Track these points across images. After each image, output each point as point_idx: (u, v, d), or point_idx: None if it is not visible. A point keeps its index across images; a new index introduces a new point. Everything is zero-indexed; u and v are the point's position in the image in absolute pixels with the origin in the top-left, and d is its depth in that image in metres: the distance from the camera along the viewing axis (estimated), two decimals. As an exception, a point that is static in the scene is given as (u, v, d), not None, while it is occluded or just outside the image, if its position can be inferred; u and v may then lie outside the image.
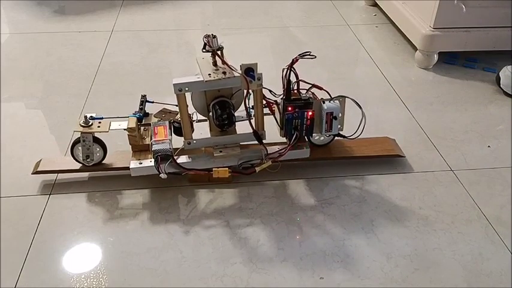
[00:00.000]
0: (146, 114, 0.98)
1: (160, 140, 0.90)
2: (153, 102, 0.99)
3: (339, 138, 1.01)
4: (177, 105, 0.91)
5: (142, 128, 0.97)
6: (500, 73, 1.33)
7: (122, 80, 1.34)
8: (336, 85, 1.35)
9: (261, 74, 0.89)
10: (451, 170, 1.04)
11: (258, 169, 0.91)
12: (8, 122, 1.16)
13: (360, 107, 0.95)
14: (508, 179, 1.02)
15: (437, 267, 0.82)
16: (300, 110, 0.92)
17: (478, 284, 0.80)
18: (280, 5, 1.88)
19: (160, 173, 0.89)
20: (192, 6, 1.84)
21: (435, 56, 1.42)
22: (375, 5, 1.83)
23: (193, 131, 0.95)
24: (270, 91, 0.94)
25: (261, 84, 0.90)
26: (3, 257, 0.83)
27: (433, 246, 0.86)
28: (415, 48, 1.44)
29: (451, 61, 1.47)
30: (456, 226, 0.90)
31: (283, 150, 0.93)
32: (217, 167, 0.91)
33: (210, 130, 0.95)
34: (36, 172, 0.97)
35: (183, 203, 0.94)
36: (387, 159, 1.05)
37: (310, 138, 1.00)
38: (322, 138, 1.02)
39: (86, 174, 0.99)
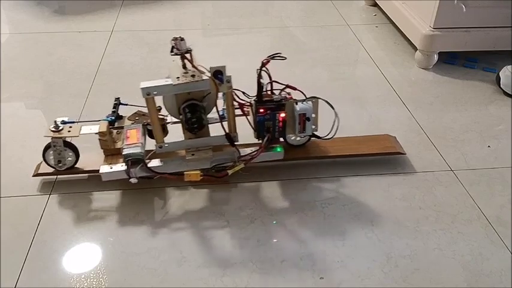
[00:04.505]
0: (120, 117, 0.97)
1: (131, 144, 0.89)
2: (126, 104, 0.98)
3: (326, 138, 1.00)
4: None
5: (115, 131, 0.96)
6: (500, 73, 1.33)
7: (122, 80, 1.34)
8: (336, 85, 1.36)
9: (230, 76, 0.88)
10: (451, 170, 1.04)
11: (230, 172, 0.91)
12: (8, 122, 1.16)
13: (332, 108, 0.95)
14: (508, 179, 1.02)
15: (437, 267, 0.82)
16: (271, 112, 0.91)
17: (478, 284, 0.80)
18: (280, 5, 1.88)
19: (130, 178, 0.88)
20: (192, 6, 1.84)
21: (435, 56, 1.42)
22: (375, 5, 1.83)
23: (167, 134, 0.95)
24: (244, 93, 0.94)
25: (231, 87, 0.90)
26: (3, 257, 0.83)
27: (433, 246, 0.86)
28: (415, 48, 1.44)
29: (451, 61, 1.47)
30: (456, 226, 0.90)
31: (255, 152, 0.93)
32: (189, 170, 0.90)
33: (183, 133, 0.94)
34: (37, 175, 0.97)
35: (183, 203, 0.94)
36: (387, 159, 1.05)
37: (286, 139, 1.00)
38: (297, 138, 1.01)
39: (86, 175, 0.99)
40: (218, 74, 0.87)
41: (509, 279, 0.81)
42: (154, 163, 0.92)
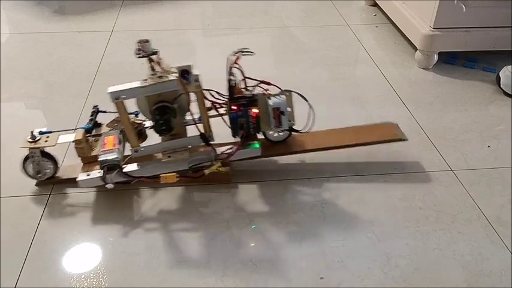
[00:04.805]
0: (98, 125, 0.97)
1: (108, 150, 0.89)
2: (105, 111, 0.97)
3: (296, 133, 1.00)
4: (133, 113, 0.91)
5: (93, 139, 0.96)
6: (500, 73, 1.33)
7: (122, 80, 1.33)
8: (336, 85, 1.36)
9: (198, 75, 0.87)
10: (451, 170, 1.04)
11: (207, 171, 0.90)
12: (8, 122, 1.16)
13: (306, 100, 0.94)
14: (508, 179, 1.02)
15: (437, 267, 0.82)
16: (244, 108, 0.90)
17: (478, 284, 0.80)
18: (280, 5, 1.88)
19: (106, 184, 0.88)
20: (192, 6, 1.84)
21: (435, 56, 1.42)
22: (375, 5, 1.83)
23: (145, 138, 0.94)
24: (218, 92, 0.92)
25: (200, 86, 0.89)
26: (3, 257, 0.83)
27: (433, 246, 0.86)
28: (415, 48, 1.44)
29: (451, 61, 1.47)
30: (456, 226, 0.90)
31: (231, 151, 0.93)
32: (166, 173, 0.89)
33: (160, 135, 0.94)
34: (38, 183, 0.97)
35: (183, 203, 0.94)
36: (388, 158, 1.05)
37: (266, 135, 0.99)
38: (275, 134, 1.00)
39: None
40: (185, 74, 0.86)
41: (509, 279, 0.81)
42: (131, 167, 0.92)
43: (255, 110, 0.91)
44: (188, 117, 0.93)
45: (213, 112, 0.94)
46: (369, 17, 1.78)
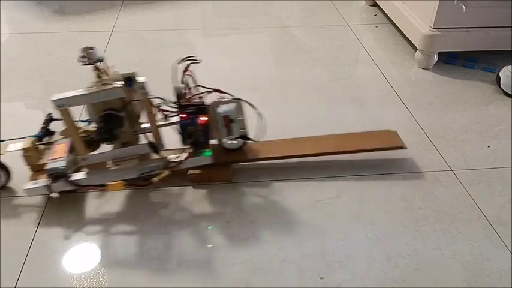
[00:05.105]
0: (51, 133, 0.96)
1: (56, 158, 0.88)
2: (59, 119, 0.94)
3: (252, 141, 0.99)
4: (85, 121, 0.90)
5: (43, 147, 0.95)
6: (500, 73, 1.33)
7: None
8: (336, 85, 1.36)
9: (144, 82, 0.86)
10: (451, 170, 1.04)
11: (155, 179, 0.89)
12: (8, 122, 1.16)
13: (254, 108, 0.94)
14: (508, 179, 1.02)
15: (437, 267, 0.82)
16: (192, 116, 0.90)
17: (478, 284, 0.80)
18: (280, 5, 1.88)
19: (51, 193, 0.88)
20: (192, 6, 1.84)
21: (435, 56, 1.42)
22: (375, 5, 1.83)
23: (98, 146, 0.93)
24: (164, 100, 0.91)
25: (146, 93, 0.87)
26: (3, 257, 0.83)
27: (433, 246, 0.86)
28: (415, 48, 1.44)
29: (451, 61, 1.47)
30: (456, 226, 0.90)
31: (182, 159, 0.92)
32: (114, 181, 0.89)
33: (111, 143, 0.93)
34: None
35: (183, 203, 0.94)
36: (387, 158, 1.05)
37: (223, 144, 0.99)
38: (228, 142, 0.99)
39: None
40: (129, 81, 0.84)
41: (509, 279, 0.81)
42: (79, 176, 0.91)
43: (203, 118, 0.90)
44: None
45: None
46: (369, 17, 1.78)
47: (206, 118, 0.91)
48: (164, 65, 1.43)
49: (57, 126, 0.97)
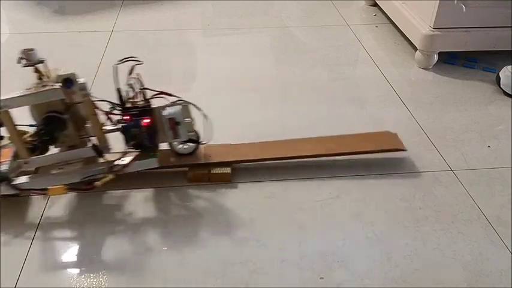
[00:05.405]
0: (1, 137, 0.93)
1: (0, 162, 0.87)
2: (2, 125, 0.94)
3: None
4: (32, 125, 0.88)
5: None
6: (500, 73, 1.33)
7: (122, 80, 1.34)
8: (336, 85, 1.36)
9: (85, 83, 0.85)
10: (451, 170, 1.04)
11: (99, 183, 0.88)
12: (8, 122, 1.16)
13: (200, 110, 0.92)
14: (508, 179, 1.02)
15: (437, 267, 0.82)
16: (136, 119, 0.88)
17: (478, 284, 0.80)
18: (280, 5, 1.88)
19: None
20: (192, 6, 1.84)
21: (435, 56, 1.42)
22: (375, 5, 1.83)
23: (45, 151, 0.90)
24: (111, 102, 0.89)
25: (87, 94, 0.86)
26: (3, 257, 0.83)
27: (433, 246, 0.86)
28: (415, 48, 1.44)
29: (451, 61, 1.47)
30: (456, 226, 0.90)
31: (126, 162, 0.90)
32: (56, 186, 0.87)
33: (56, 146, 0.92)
34: None
35: (183, 203, 0.94)
36: (387, 159, 1.05)
37: (174, 148, 0.97)
38: (180, 146, 0.98)
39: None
40: (67, 83, 0.83)
41: (509, 279, 0.81)
42: (21, 180, 0.89)
43: (146, 120, 0.88)
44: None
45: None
46: (369, 17, 1.78)
47: (149, 120, 0.88)
48: (164, 65, 1.44)
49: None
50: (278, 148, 1.03)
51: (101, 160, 0.92)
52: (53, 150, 0.91)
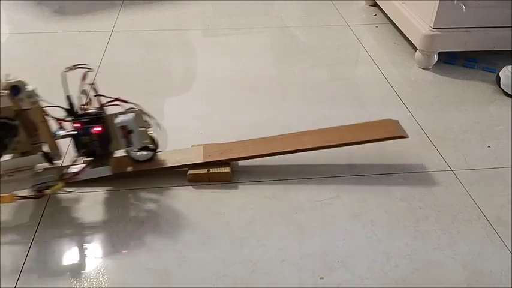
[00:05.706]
0: None
1: None
2: None
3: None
4: None
5: None
6: (500, 73, 1.33)
7: (122, 80, 1.34)
8: (336, 85, 1.36)
9: (33, 90, 0.84)
10: (451, 170, 1.04)
11: (48, 191, 0.87)
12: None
13: (151, 118, 0.91)
14: (508, 179, 1.02)
15: (437, 267, 0.82)
16: (86, 126, 0.87)
17: (478, 284, 0.80)
18: (280, 5, 1.88)
19: None
20: (192, 6, 1.84)
21: (435, 56, 1.42)
22: (375, 5, 1.83)
23: None
24: (62, 107, 0.89)
25: (36, 102, 0.85)
26: (3, 257, 0.83)
27: (433, 246, 0.86)
28: (415, 48, 1.44)
29: (451, 61, 1.47)
30: (456, 226, 0.90)
31: (77, 170, 0.89)
32: (5, 194, 0.86)
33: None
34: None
35: (183, 203, 0.94)
36: (388, 158, 1.05)
37: (131, 155, 0.96)
38: (137, 153, 0.97)
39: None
40: (14, 90, 0.82)
41: (509, 279, 0.81)
42: None
43: (97, 129, 0.87)
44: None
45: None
46: (369, 17, 1.78)
47: (100, 128, 0.88)
48: (164, 65, 1.44)
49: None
50: (278, 143, 1.02)
51: (51, 167, 0.91)
52: (4, 157, 0.89)
